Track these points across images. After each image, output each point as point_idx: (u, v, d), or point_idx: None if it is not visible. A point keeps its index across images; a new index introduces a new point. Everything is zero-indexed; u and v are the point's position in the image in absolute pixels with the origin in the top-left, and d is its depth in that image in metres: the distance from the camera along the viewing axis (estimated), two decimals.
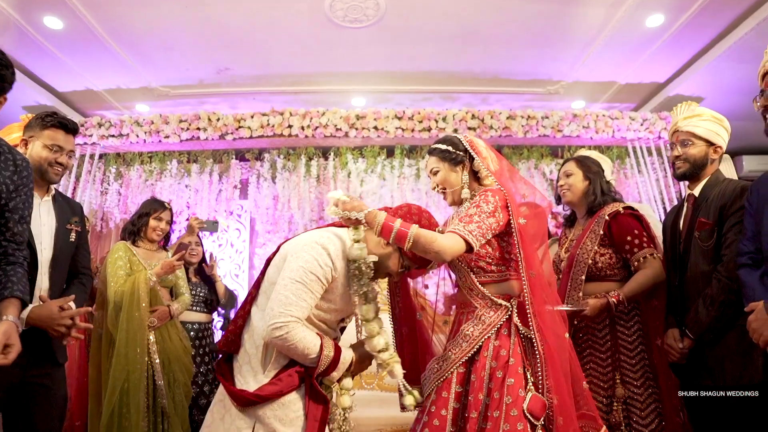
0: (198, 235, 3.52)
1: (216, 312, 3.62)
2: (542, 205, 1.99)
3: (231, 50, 4.06)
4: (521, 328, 1.74)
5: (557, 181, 2.48)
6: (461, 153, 1.92)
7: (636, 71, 4.31)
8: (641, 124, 4.43)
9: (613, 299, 2.12)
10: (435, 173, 1.96)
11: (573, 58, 4.19)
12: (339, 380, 1.69)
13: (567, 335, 1.73)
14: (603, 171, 2.45)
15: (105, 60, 4.03)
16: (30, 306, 1.86)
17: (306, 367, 1.60)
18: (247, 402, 1.56)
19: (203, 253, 3.56)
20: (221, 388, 1.67)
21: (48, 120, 2.05)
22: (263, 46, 4.02)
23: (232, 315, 3.69)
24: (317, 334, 1.61)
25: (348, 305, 1.76)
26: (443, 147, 1.94)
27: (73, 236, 2.17)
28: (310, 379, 1.59)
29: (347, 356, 1.67)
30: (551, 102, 4.79)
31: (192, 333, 3.27)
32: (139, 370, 2.73)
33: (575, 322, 2.22)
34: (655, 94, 4.62)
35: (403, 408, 1.94)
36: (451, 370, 1.77)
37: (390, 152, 4.71)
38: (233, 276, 5.00)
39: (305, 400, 1.60)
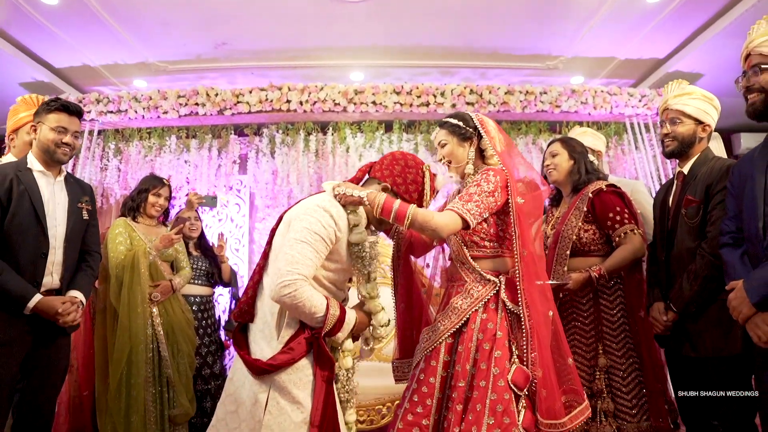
0: (197, 210, 3.58)
1: (218, 286, 3.70)
2: (541, 188, 2.07)
3: (229, 25, 4.02)
4: (508, 304, 1.83)
5: (543, 161, 2.53)
6: (471, 129, 2.00)
7: (635, 47, 4.29)
8: (639, 100, 4.43)
9: (594, 273, 2.21)
10: (443, 146, 2.03)
11: (572, 33, 4.17)
12: (342, 341, 1.77)
13: (551, 313, 1.81)
14: (587, 151, 2.51)
15: (101, 35, 3.99)
16: (38, 296, 2.02)
17: (314, 332, 1.67)
18: (262, 371, 1.64)
19: (202, 228, 3.63)
20: (237, 357, 1.76)
21: (52, 104, 2.20)
22: (261, 21, 3.99)
23: (240, 290, 3.79)
24: (324, 296, 1.68)
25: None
26: (454, 121, 2.02)
27: (85, 214, 2.34)
28: (317, 341, 1.67)
29: (351, 316, 1.74)
30: (550, 77, 4.77)
31: (194, 306, 3.36)
32: (143, 341, 2.84)
33: (560, 296, 2.30)
34: (654, 70, 4.60)
35: (398, 380, 2.04)
36: (440, 340, 1.87)
37: (388, 127, 4.73)
38: (233, 250, 5.07)
39: (313, 364, 1.68)
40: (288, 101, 4.43)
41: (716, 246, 1.89)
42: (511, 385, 1.71)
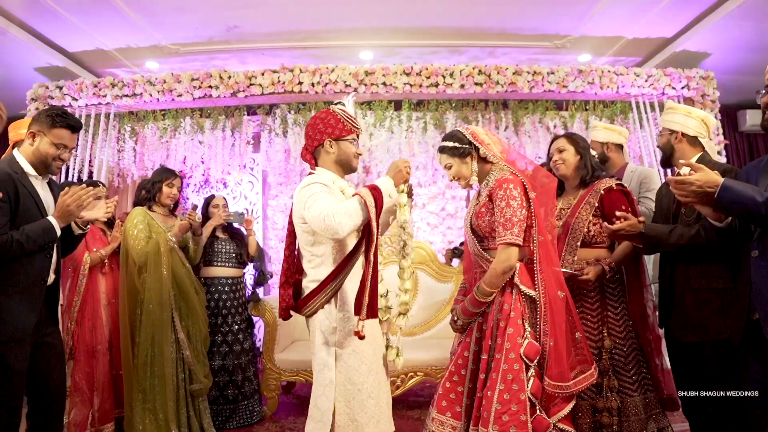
0: (225, 198, 3.74)
1: (247, 265, 3.87)
2: (553, 182, 2.25)
3: (240, 8, 4.05)
4: (522, 288, 2.05)
5: (549, 156, 2.67)
6: (467, 146, 2.19)
7: (643, 26, 4.33)
8: (645, 80, 4.50)
9: (606, 266, 2.40)
10: (449, 168, 2.24)
11: (581, 12, 4.19)
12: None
13: (561, 294, 2.05)
14: (589, 147, 2.66)
15: (114, 19, 4.03)
16: (51, 218, 2.21)
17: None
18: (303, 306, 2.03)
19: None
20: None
21: (58, 121, 2.23)
22: (272, 3, 4.01)
23: (268, 267, 3.97)
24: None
25: None
26: (450, 144, 2.21)
27: None
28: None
29: (382, 181, 2.03)
30: (558, 56, 4.82)
31: (227, 287, 3.57)
32: (167, 324, 3.08)
33: (571, 283, 2.49)
34: (661, 50, 4.64)
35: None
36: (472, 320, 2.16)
37: (398, 106, 4.81)
38: None
39: None
40: (300, 83, 4.49)
41: (712, 228, 2.06)
42: (523, 357, 1.97)
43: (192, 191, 5.09)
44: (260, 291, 3.83)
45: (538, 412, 1.96)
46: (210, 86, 4.47)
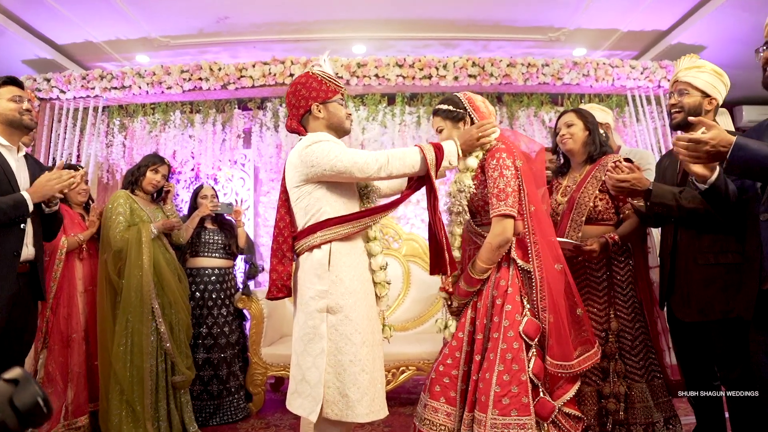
0: (213, 188, 3.67)
1: (237, 257, 3.77)
2: (535, 148, 2.18)
3: None
4: (519, 261, 1.95)
5: (556, 130, 2.59)
6: (461, 111, 2.10)
7: (638, 18, 4.27)
8: (641, 73, 4.44)
9: (610, 239, 2.31)
10: (440, 131, 2.15)
11: (575, 4, 4.14)
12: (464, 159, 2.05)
13: (558, 266, 1.94)
14: (597, 123, 2.58)
15: (103, 11, 3.98)
16: (25, 193, 2.19)
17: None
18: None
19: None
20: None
21: (1, 81, 2.28)
22: None
23: (258, 260, 3.87)
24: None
25: None
26: (445, 107, 2.13)
27: None
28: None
29: (448, 143, 1.97)
30: (552, 49, 4.76)
31: (214, 278, 3.48)
32: (145, 314, 2.96)
33: (575, 261, 2.38)
34: (656, 42, 4.59)
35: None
36: (467, 300, 2.04)
37: (391, 100, 4.75)
38: None
39: None
40: (291, 75, 4.43)
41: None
42: (522, 335, 1.85)
43: (182, 187, 5.01)
44: (251, 284, 3.73)
45: (541, 394, 1.83)
46: (200, 78, 4.41)
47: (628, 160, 2.41)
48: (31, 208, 2.17)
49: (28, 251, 2.27)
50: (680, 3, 4.05)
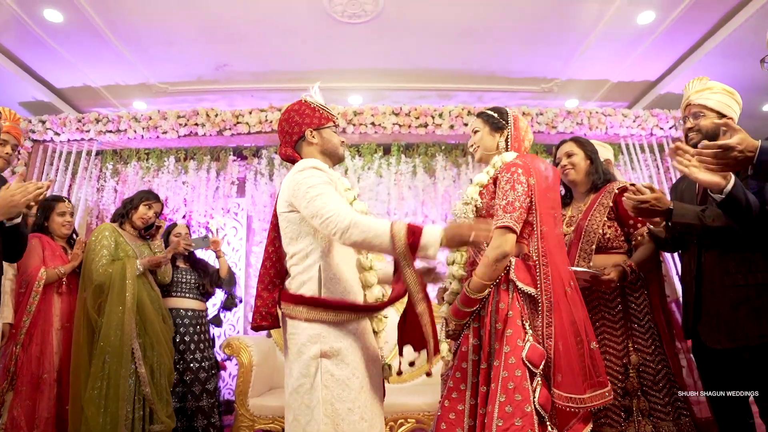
0: (187, 226, 3.57)
1: (210, 298, 3.59)
2: (550, 173, 2.09)
3: (230, 46, 4.10)
4: (519, 284, 1.81)
5: (556, 161, 2.54)
6: (504, 122, 2.08)
7: (627, 69, 4.41)
8: (633, 121, 4.51)
9: (627, 267, 2.19)
10: (475, 132, 2.13)
11: (566, 55, 4.28)
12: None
13: (568, 289, 1.79)
14: (597, 151, 2.54)
15: (104, 54, 4.05)
16: None
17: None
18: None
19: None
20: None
21: None
22: (262, 42, 4.06)
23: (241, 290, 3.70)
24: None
25: None
26: (489, 112, 2.13)
27: None
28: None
29: (431, 230, 1.58)
30: (546, 100, 4.87)
31: (186, 320, 3.28)
32: (125, 356, 2.75)
33: (591, 287, 2.24)
34: (646, 93, 4.72)
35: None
36: (464, 323, 1.88)
37: (387, 150, 4.76)
38: None
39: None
40: None
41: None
42: (526, 362, 1.67)
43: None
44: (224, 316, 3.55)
45: (549, 429, 1.63)
46: (196, 123, 4.41)
47: (633, 184, 2.35)
48: None
49: None
50: (667, 54, 4.20)
